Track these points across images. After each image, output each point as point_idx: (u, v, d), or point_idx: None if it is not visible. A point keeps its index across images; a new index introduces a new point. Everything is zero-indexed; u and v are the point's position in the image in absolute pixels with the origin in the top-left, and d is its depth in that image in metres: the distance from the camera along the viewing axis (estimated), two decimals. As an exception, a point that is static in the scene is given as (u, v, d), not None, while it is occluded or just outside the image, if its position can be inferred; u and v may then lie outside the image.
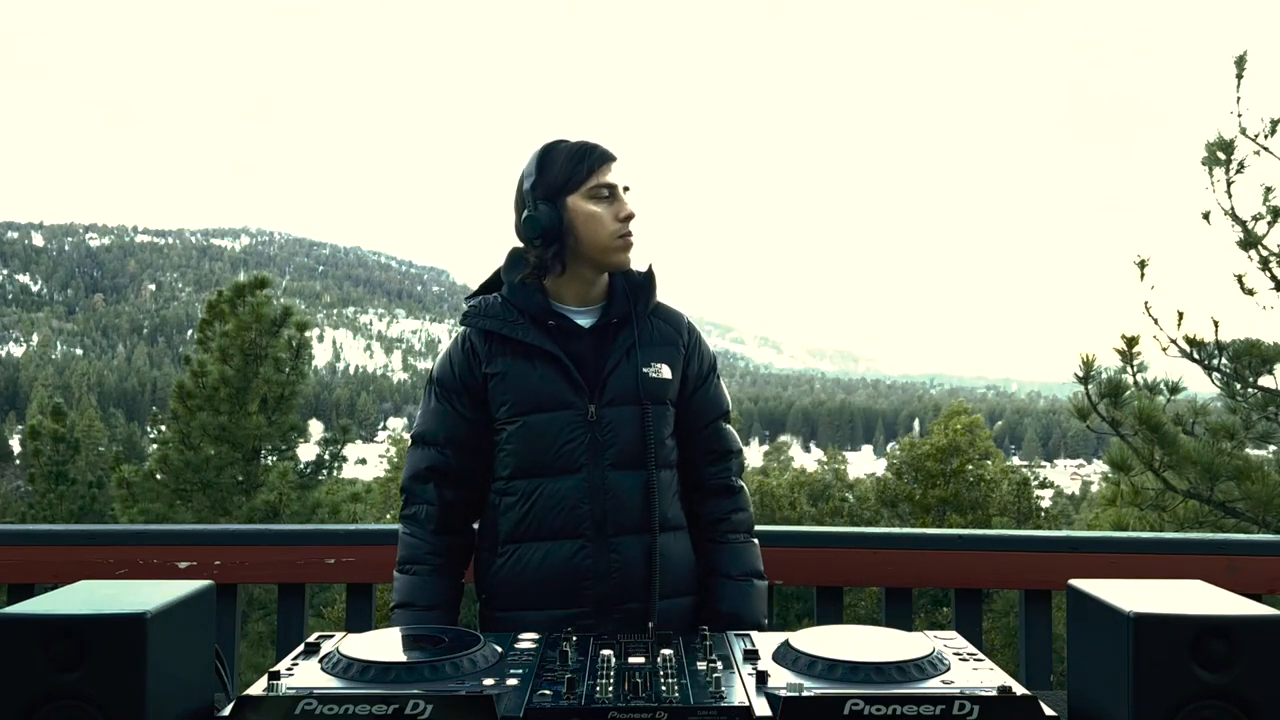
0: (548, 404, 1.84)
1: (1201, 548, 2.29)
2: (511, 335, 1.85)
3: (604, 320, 1.90)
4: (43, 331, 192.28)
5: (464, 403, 1.89)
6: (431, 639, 1.31)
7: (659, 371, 1.89)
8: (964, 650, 1.28)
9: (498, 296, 1.91)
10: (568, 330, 1.88)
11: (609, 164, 1.87)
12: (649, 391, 1.87)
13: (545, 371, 1.84)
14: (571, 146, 1.87)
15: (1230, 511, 6.49)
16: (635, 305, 1.92)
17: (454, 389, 1.90)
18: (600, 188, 1.85)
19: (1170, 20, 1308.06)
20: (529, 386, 1.84)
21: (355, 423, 18.56)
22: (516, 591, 1.84)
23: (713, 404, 2.01)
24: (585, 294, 1.91)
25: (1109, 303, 12.94)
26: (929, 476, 18.93)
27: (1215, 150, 6.71)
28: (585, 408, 1.84)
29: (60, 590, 1.22)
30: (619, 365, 1.87)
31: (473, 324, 1.90)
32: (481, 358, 1.88)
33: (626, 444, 1.85)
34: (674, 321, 1.98)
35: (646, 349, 1.90)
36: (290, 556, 2.28)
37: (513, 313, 1.87)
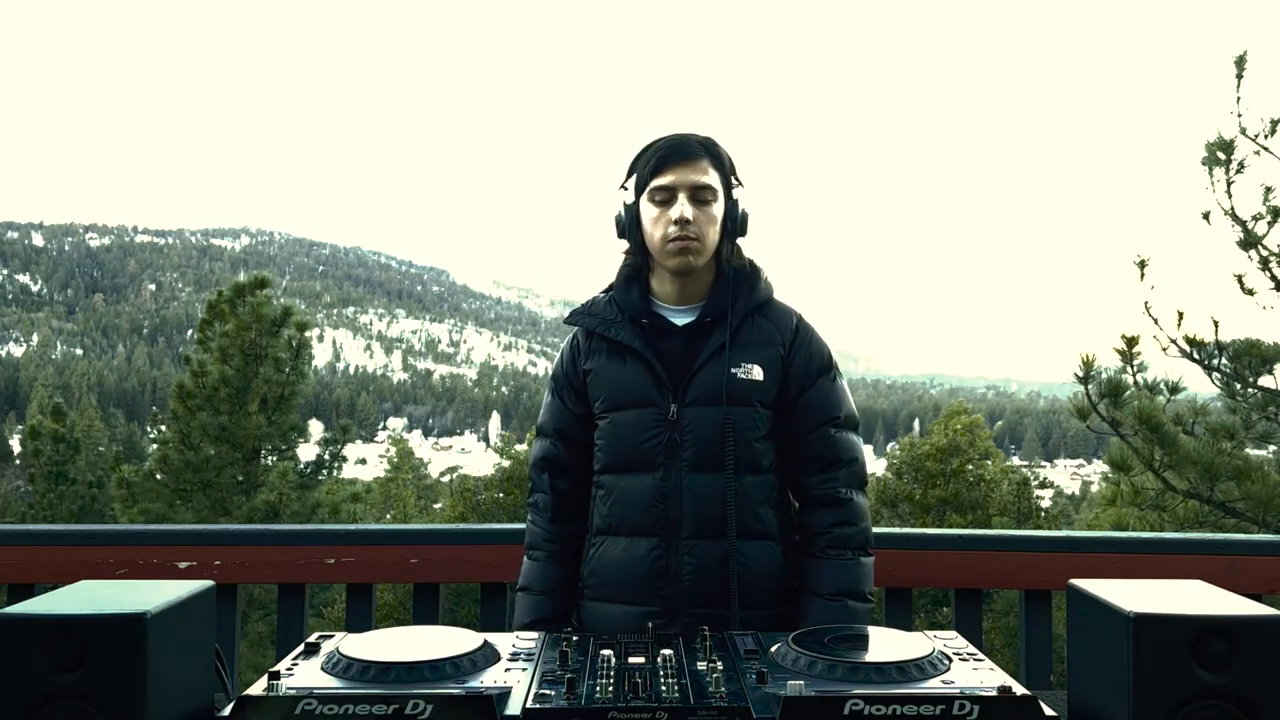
0: (632, 401, 1.86)
1: (1201, 548, 2.29)
2: (606, 333, 1.89)
3: (698, 319, 1.89)
4: (43, 331, 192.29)
5: (571, 398, 1.95)
6: (431, 639, 1.31)
7: (749, 372, 1.85)
8: (964, 650, 1.28)
9: (607, 294, 1.95)
10: (660, 328, 1.88)
11: (672, 164, 1.83)
12: (734, 393, 1.83)
13: (633, 369, 1.87)
14: (650, 145, 1.87)
15: (1230, 511, 6.49)
16: (734, 303, 1.88)
17: (563, 384, 1.97)
18: (658, 190, 1.83)
19: (1170, 20, 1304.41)
20: (617, 384, 1.88)
21: (355, 423, 18.57)
22: (602, 583, 1.88)
23: (820, 407, 1.91)
24: (683, 291, 1.89)
25: (1109, 303, 12.95)
26: (929, 476, 18.93)
27: (1215, 150, 6.71)
28: (667, 406, 1.83)
29: (60, 590, 1.22)
30: (706, 365, 1.84)
31: (575, 322, 1.96)
32: (582, 354, 1.94)
33: (705, 445, 1.82)
34: (780, 320, 1.93)
35: (741, 349, 1.86)
36: (290, 556, 2.28)
37: (614, 310, 1.90)
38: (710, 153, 1.87)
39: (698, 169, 1.83)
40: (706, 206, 1.84)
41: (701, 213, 1.83)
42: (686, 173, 1.82)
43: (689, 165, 1.83)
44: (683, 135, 1.87)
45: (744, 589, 1.80)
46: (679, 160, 1.83)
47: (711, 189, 1.84)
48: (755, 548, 1.83)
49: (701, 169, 1.84)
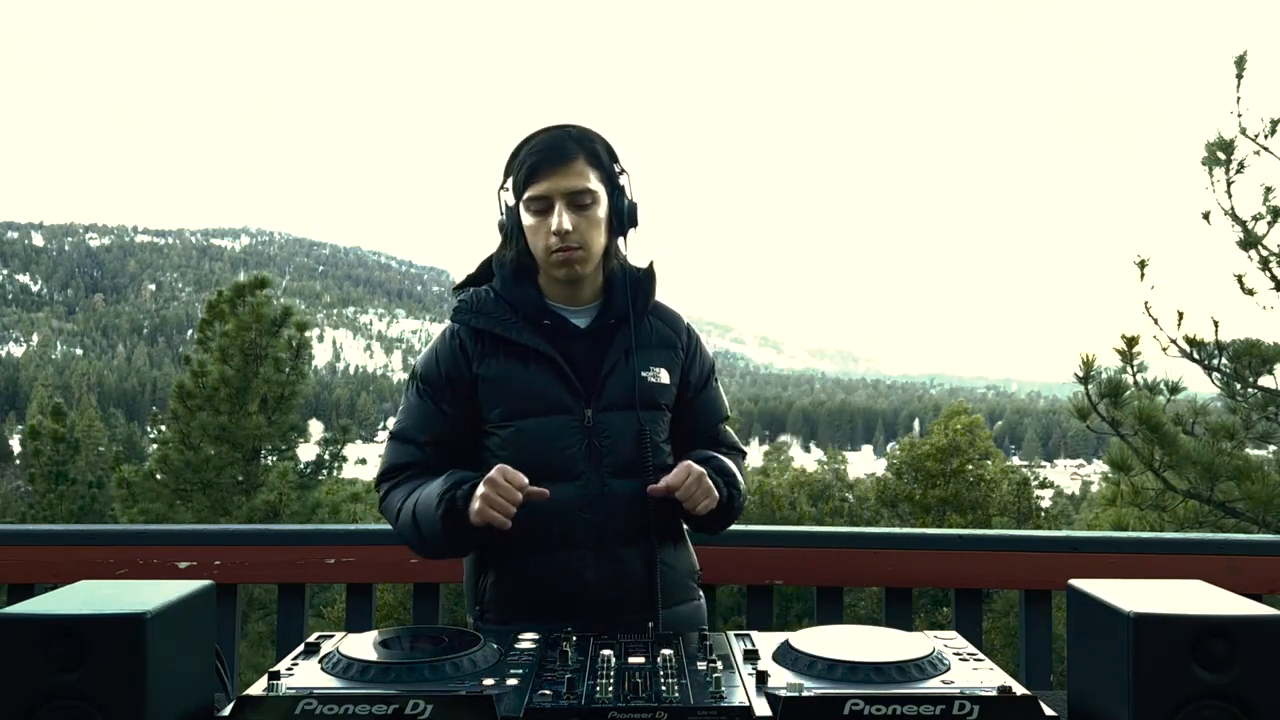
0: (543, 408, 1.75)
1: (1201, 548, 2.29)
2: (505, 335, 1.76)
3: (601, 320, 1.82)
4: (43, 331, 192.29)
5: (449, 401, 1.79)
6: (431, 639, 1.31)
7: (657, 376, 1.81)
8: (964, 650, 1.28)
9: (490, 291, 1.82)
10: (564, 330, 1.79)
11: (545, 171, 1.71)
12: (646, 397, 1.79)
13: (540, 374, 1.75)
14: (522, 149, 1.76)
15: (1230, 511, 6.49)
16: (634, 304, 1.82)
17: (439, 387, 1.79)
18: (533, 200, 1.72)
19: (1170, 20, 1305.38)
20: (523, 390, 1.75)
21: (355, 423, 18.56)
22: (512, 605, 1.76)
23: (713, 409, 1.94)
24: (578, 292, 1.81)
25: (1109, 303, 12.95)
26: (929, 476, 18.93)
27: (1215, 150, 6.71)
28: (582, 413, 1.75)
29: (60, 590, 1.22)
30: (616, 368, 1.78)
31: (463, 321, 1.80)
32: (471, 357, 1.78)
33: (625, 451, 1.76)
34: (673, 323, 1.90)
35: (644, 352, 1.82)
36: (290, 556, 2.28)
37: (506, 310, 1.78)
38: (586, 149, 1.74)
39: (573, 173, 1.71)
40: (586, 211, 1.73)
41: (582, 219, 1.72)
42: (561, 179, 1.70)
43: (563, 170, 1.71)
44: (554, 133, 1.75)
45: (665, 589, 1.77)
46: (552, 166, 1.70)
47: (590, 192, 1.72)
48: (672, 549, 1.83)
49: (577, 172, 1.71)
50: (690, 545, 1.93)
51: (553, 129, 1.76)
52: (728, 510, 1.79)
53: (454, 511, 1.63)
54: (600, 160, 1.76)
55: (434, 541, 1.69)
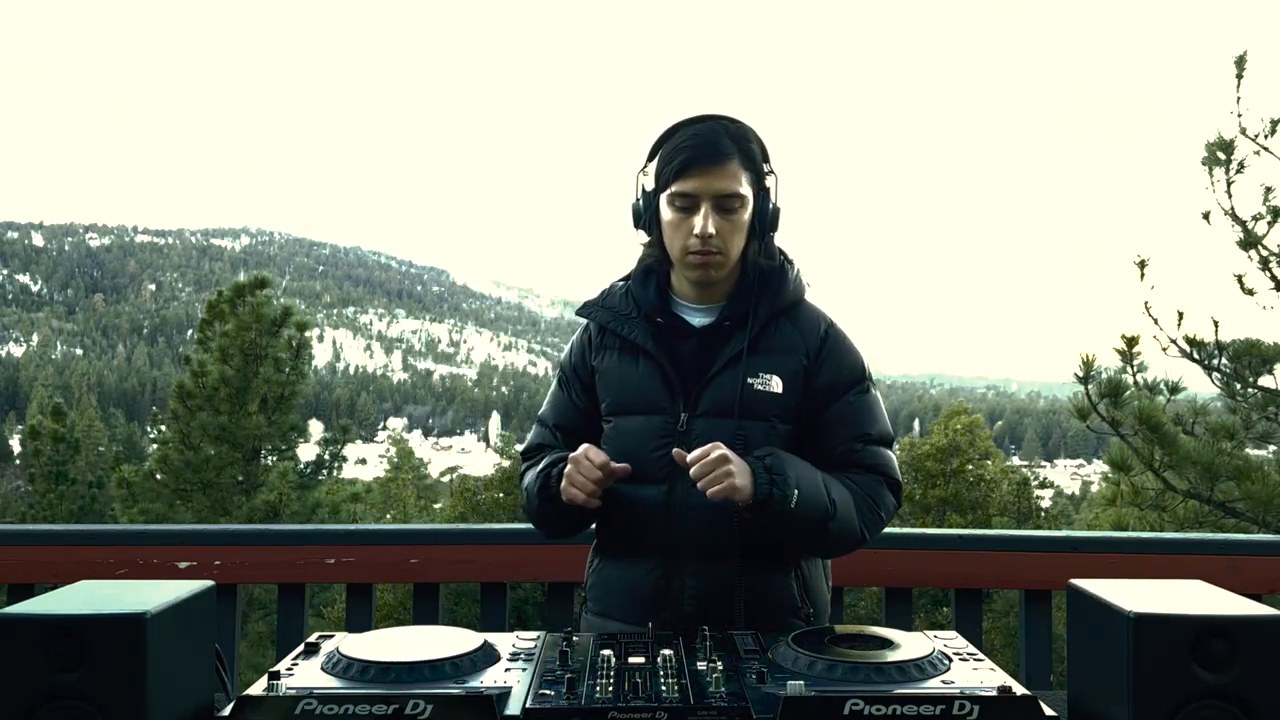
0: (639, 407, 1.72)
1: (1201, 548, 2.30)
2: (619, 331, 1.74)
3: (717, 321, 1.72)
4: (43, 331, 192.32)
5: (577, 391, 1.83)
6: (432, 639, 1.31)
7: (766, 383, 1.68)
8: (964, 650, 1.28)
9: (625, 285, 1.80)
10: (677, 329, 1.73)
11: (697, 169, 1.62)
12: (748, 405, 1.67)
13: (644, 372, 1.72)
14: (675, 138, 1.67)
15: (1230, 511, 6.50)
16: (756, 305, 1.71)
17: (569, 377, 1.85)
18: (680, 196, 1.64)
19: (1170, 20, 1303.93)
20: (625, 386, 1.74)
21: (355, 423, 18.58)
22: (604, 595, 1.75)
23: (849, 423, 1.72)
24: (708, 291, 1.73)
25: (1109, 303, 12.95)
26: (929, 476, 18.93)
27: (1215, 150, 6.71)
28: (677, 415, 1.69)
29: (60, 590, 1.22)
30: (721, 373, 1.69)
31: (587, 314, 1.81)
32: (593, 349, 1.81)
33: None
34: (807, 326, 1.75)
35: (760, 357, 1.69)
36: (290, 556, 2.28)
37: (630, 305, 1.76)
38: (741, 149, 1.66)
39: (725, 174, 1.63)
40: (732, 215, 1.65)
41: (726, 223, 1.65)
42: (713, 179, 1.63)
43: (716, 171, 1.63)
44: (710, 128, 1.66)
45: (750, 620, 1.61)
46: (704, 164, 1.62)
47: (740, 196, 1.65)
48: (765, 576, 1.67)
49: (730, 174, 1.64)
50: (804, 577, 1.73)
51: (708, 120, 1.68)
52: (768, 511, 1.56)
53: (548, 488, 1.69)
54: (753, 161, 1.69)
55: (541, 518, 1.78)
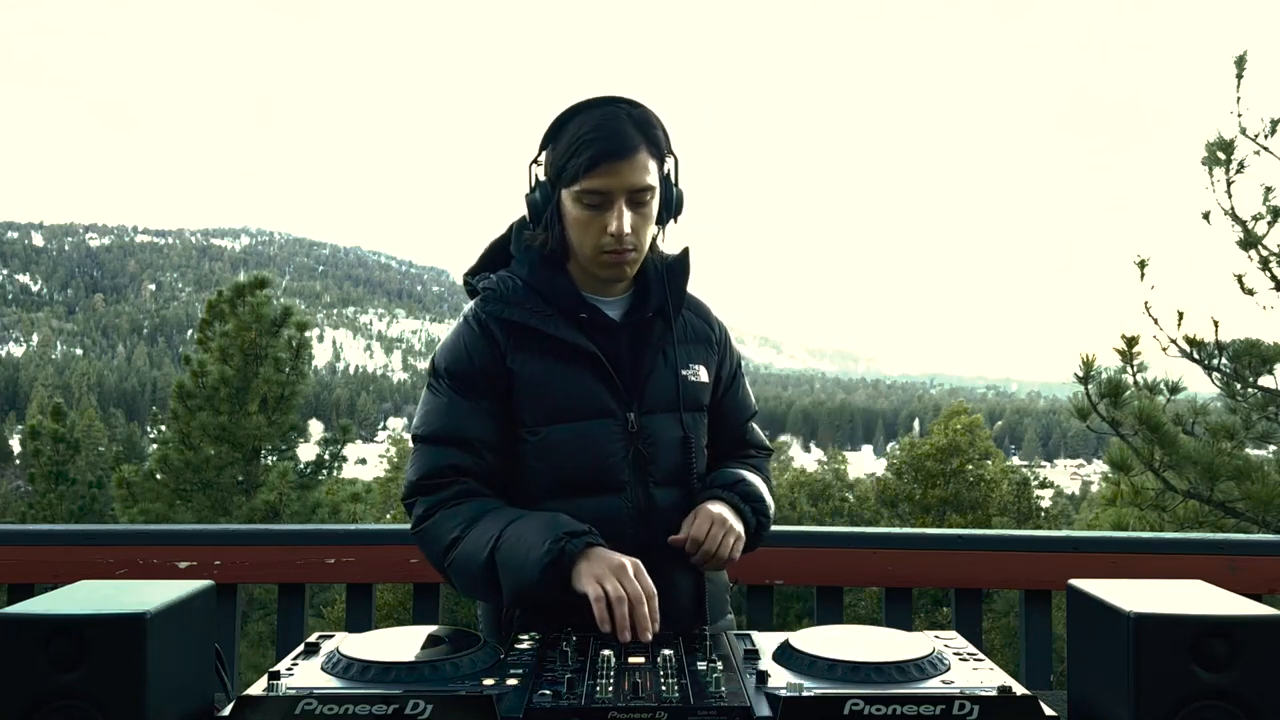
0: (585, 412, 1.58)
1: (1201, 548, 2.29)
2: (542, 329, 1.57)
3: (637, 314, 1.65)
4: (43, 331, 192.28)
5: (485, 396, 1.58)
6: (431, 639, 1.31)
7: (696, 374, 1.68)
8: (964, 650, 1.28)
9: (514, 278, 1.62)
10: (600, 325, 1.62)
11: (608, 164, 1.50)
12: (688, 398, 1.65)
13: (582, 374, 1.58)
14: (577, 130, 1.53)
15: (1230, 511, 6.50)
16: (670, 296, 1.66)
17: (475, 381, 1.58)
18: (588, 193, 1.52)
19: (1170, 20, 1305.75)
20: (564, 391, 1.58)
21: (355, 423, 18.56)
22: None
23: (743, 406, 1.81)
24: (612, 283, 1.65)
25: (1109, 303, 12.97)
26: (929, 476, 18.96)
27: (1215, 150, 6.71)
28: (625, 417, 1.60)
29: (60, 590, 1.22)
30: (655, 368, 1.64)
31: (493, 311, 1.60)
32: (504, 351, 1.59)
33: (669, 458, 1.63)
34: (704, 315, 1.77)
35: (683, 347, 1.68)
36: (290, 556, 2.28)
37: (538, 301, 1.59)
38: (647, 137, 1.55)
39: (637, 167, 1.52)
40: (644, 208, 1.56)
41: (639, 217, 1.55)
42: (624, 174, 1.51)
43: (627, 164, 1.51)
44: (612, 114, 1.53)
45: (710, 605, 1.67)
46: (615, 159, 1.50)
47: (651, 189, 1.56)
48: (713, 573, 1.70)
49: (640, 166, 1.53)
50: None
51: (607, 105, 1.55)
52: (755, 538, 1.65)
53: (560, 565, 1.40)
54: (659, 148, 1.58)
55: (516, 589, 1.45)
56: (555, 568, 1.40)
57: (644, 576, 1.37)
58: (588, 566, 1.39)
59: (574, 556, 1.41)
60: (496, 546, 1.46)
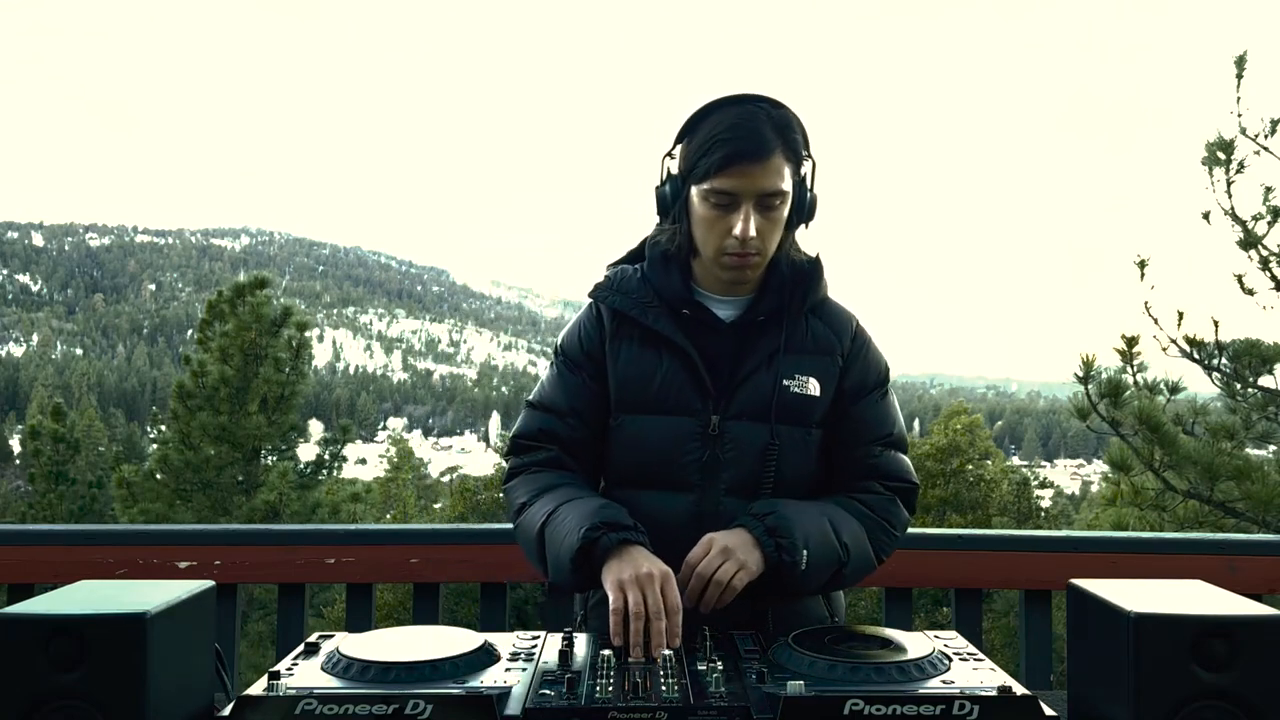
0: (666, 406, 1.57)
1: (1201, 548, 2.29)
2: (641, 319, 1.59)
3: (749, 316, 1.61)
4: (43, 331, 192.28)
5: (592, 375, 1.64)
6: (432, 639, 1.31)
7: (804, 386, 1.59)
8: (964, 650, 1.28)
9: (638, 269, 1.65)
10: (705, 323, 1.60)
11: (740, 165, 1.47)
12: (785, 409, 1.57)
13: (671, 367, 1.58)
14: (713, 127, 1.50)
15: (1230, 511, 6.50)
16: (790, 302, 1.60)
17: (580, 361, 1.65)
18: (717, 193, 1.50)
19: (1170, 20, 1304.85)
20: (647, 381, 1.58)
21: (355, 423, 18.55)
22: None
23: (868, 424, 1.65)
24: (734, 284, 1.61)
25: (1109, 303, 12.96)
26: (929, 476, 18.94)
27: (1215, 150, 6.71)
28: (708, 418, 1.56)
29: (60, 590, 1.22)
30: (756, 373, 1.58)
31: (601, 298, 1.65)
32: (607, 335, 1.63)
33: (748, 466, 1.56)
34: (837, 325, 1.66)
35: (794, 356, 1.60)
36: (290, 556, 2.28)
37: (648, 293, 1.61)
38: (785, 140, 1.51)
39: (769, 171, 1.49)
40: (773, 213, 1.53)
41: (767, 221, 1.52)
42: (756, 177, 1.48)
43: (760, 168, 1.48)
44: (751, 114, 1.50)
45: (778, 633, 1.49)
46: (749, 161, 1.47)
47: (783, 194, 1.52)
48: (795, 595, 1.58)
49: (774, 170, 1.49)
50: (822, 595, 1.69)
51: (748, 105, 1.52)
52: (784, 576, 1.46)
53: (590, 556, 1.40)
54: (796, 152, 1.55)
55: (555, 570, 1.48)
56: (585, 557, 1.40)
57: (671, 590, 1.33)
58: (617, 566, 1.38)
59: (607, 550, 1.40)
60: (548, 522, 1.49)
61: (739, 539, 1.46)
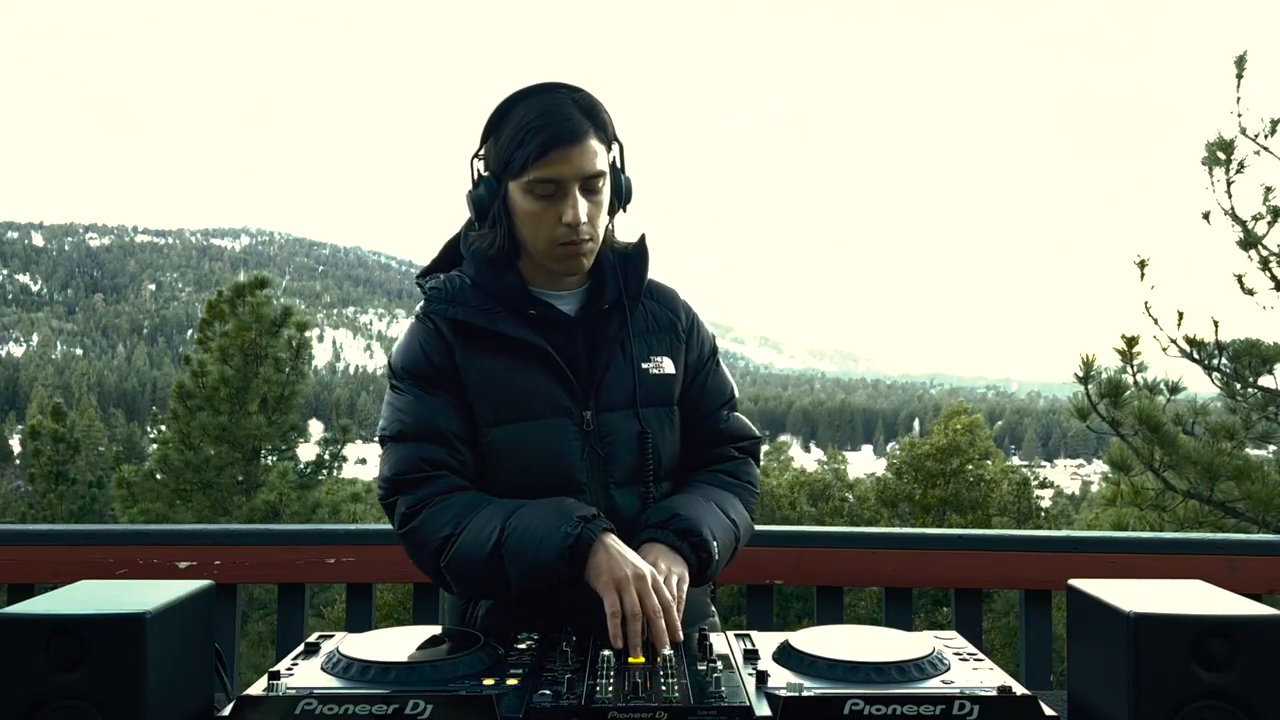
0: (538, 410, 1.53)
1: (1201, 548, 2.29)
2: (489, 326, 1.53)
3: (592, 307, 1.60)
4: (43, 331, 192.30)
5: (451, 392, 1.54)
6: (432, 639, 1.31)
7: (660, 366, 1.61)
8: (964, 650, 1.28)
9: (463, 278, 1.59)
10: (552, 320, 1.57)
11: (558, 150, 1.46)
12: (651, 392, 1.60)
13: (532, 371, 1.54)
14: (521, 118, 1.48)
15: (1230, 511, 6.50)
16: (625, 286, 1.61)
17: (434, 378, 1.54)
18: (540, 183, 1.47)
19: (1170, 20, 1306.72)
20: (514, 389, 1.53)
21: (355, 423, 18.57)
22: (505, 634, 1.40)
23: (714, 392, 1.70)
24: (564, 277, 1.59)
25: (1109, 303, 12.98)
26: (929, 476, 18.95)
27: (1215, 150, 6.72)
28: (580, 415, 1.55)
29: (60, 590, 1.22)
30: (613, 362, 1.58)
31: (438, 311, 1.56)
32: (455, 347, 1.55)
33: (628, 457, 1.57)
34: (669, 302, 1.69)
35: (642, 339, 1.62)
36: (290, 556, 2.28)
37: (485, 299, 1.55)
38: (594, 121, 1.51)
39: (587, 153, 1.48)
40: (597, 196, 1.52)
41: (593, 205, 1.51)
42: (576, 160, 1.47)
43: (578, 150, 1.47)
44: (559, 101, 1.49)
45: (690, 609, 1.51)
46: (565, 144, 1.46)
47: (603, 174, 1.52)
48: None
49: (591, 151, 1.48)
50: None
51: (550, 91, 1.51)
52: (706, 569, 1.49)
53: (579, 551, 1.37)
54: (606, 133, 1.54)
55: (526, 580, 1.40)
56: (573, 553, 1.37)
57: (662, 587, 1.34)
58: (608, 563, 1.36)
59: (591, 542, 1.38)
60: (503, 539, 1.41)
61: (658, 552, 1.45)
